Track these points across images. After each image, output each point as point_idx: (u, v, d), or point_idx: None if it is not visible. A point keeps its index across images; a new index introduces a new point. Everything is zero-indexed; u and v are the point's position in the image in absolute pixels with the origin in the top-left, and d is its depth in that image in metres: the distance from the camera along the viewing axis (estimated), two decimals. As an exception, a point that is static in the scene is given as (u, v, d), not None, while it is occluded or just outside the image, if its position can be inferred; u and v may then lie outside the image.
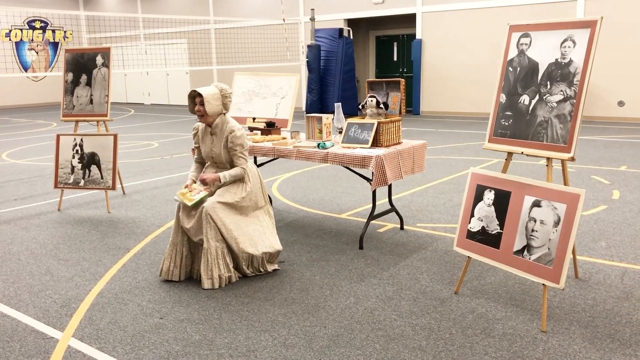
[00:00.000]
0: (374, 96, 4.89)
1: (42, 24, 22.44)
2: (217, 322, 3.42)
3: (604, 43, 12.91)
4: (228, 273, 3.97)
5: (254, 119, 5.79)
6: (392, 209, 5.17)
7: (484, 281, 3.96)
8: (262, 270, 4.14)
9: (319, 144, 4.74)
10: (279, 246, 4.18)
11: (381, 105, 4.86)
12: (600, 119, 13.28)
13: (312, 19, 15.48)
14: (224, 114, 4.11)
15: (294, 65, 17.39)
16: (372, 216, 4.81)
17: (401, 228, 5.22)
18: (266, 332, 3.29)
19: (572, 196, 3.21)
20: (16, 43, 21.85)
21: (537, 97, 3.53)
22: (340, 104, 5.26)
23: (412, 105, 15.93)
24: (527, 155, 3.56)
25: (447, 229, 5.19)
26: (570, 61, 3.38)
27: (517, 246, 3.44)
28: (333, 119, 5.15)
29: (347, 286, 3.93)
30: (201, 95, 3.97)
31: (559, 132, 3.40)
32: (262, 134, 5.44)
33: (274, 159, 5.71)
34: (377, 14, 16.09)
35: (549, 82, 3.48)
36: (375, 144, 4.68)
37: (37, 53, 22.47)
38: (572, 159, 3.33)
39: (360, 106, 4.99)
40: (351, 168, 5.07)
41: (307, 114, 5.21)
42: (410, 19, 16.08)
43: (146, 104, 22.36)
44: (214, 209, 3.89)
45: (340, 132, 5.09)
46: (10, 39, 21.66)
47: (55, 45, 22.94)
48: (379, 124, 4.65)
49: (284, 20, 16.30)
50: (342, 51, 15.41)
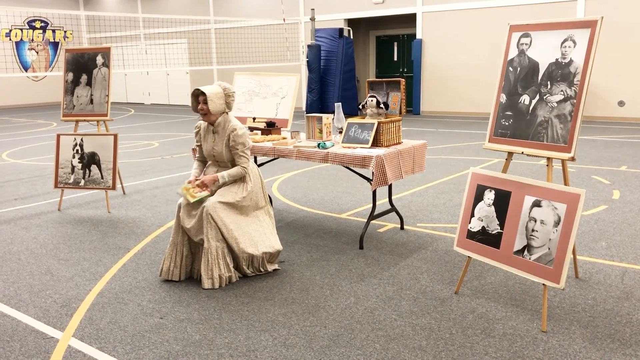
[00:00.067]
0: (374, 96, 4.89)
1: (43, 24, 22.44)
2: (217, 322, 3.42)
3: (604, 43, 12.91)
4: (228, 273, 3.97)
5: (254, 118, 5.79)
6: (393, 208, 5.17)
7: (484, 281, 3.96)
8: (262, 270, 4.14)
9: (319, 144, 4.74)
10: (279, 246, 4.18)
11: (381, 105, 4.86)
12: (601, 119, 13.28)
13: (312, 19, 15.48)
14: (227, 113, 4.11)
15: (294, 65, 17.39)
16: (372, 216, 4.81)
17: (401, 228, 5.22)
18: (266, 332, 3.29)
19: (573, 196, 3.21)
20: (16, 43, 21.86)
21: (537, 97, 3.53)
22: (340, 103, 5.26)
23: (412, 105, 15.93)
24: (528, 155, 3.56)
25: (447, 229, 5.19)
26: (571, 61, 3.38)
27: (518, 246, 3.44)
28: (333, 119, 5.15)
29: (348, 286, 3.93)
30: (205, 94, 3.98)
31: (559, 132, 3.40)
32: (262, 134, 5.44)
33: (274, 159, 5.71)
34: (377, 14, 16.09)
35: (549, 82, 3.48)
36: (376, 143, 4.68)
37: (37, 53, 22.47)
38: (573, 158, 3.33)
39: (360, 106, 4.99)
40: (351, 168, 5.07)
41: (307, 113, 5.21)
42: (410, 18, 16.07)
43: (146, 104, 22.36)
44: (214, 208, 3.89)
45: (341, 132, 5.09)
46: (10, 39, 21.67)
47: (55, 45, 22.94)
48: (379, 123, 4.65)
49: (284, 20, 16.30)
50: (342, 51, 15.41)
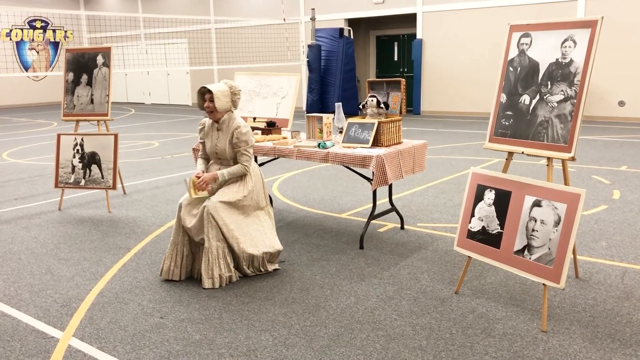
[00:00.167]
0: (374, 96, 4.89)
1: (43, 24, 22.45)
2: (217, 322, 3.42)
3: (605, 43, 12.90)
4: (228, 273, 3.98)
5: (254, 118, 5.79)
6: (393, 208, 5.18)
7: (484, 281, 3.96)
8: (262, 270, 4.14)
9: (319, 144, 4.75)
10: (279, 246, 4.18)
11: (382, 105, 4.86)
12: (601, 119, 13.28)
13: (313, 19, 15.48)
14: (232, 111, 4.13)
15: (295, 65, 17.39)
16: (372, 216, 4.81)
17: (401, 228, 5.22)
18: (267, 331, 3.29)
19: (573, 196, 3.21)
20: (17, 43, 21.86)
21: (537, 97, 3.53)
22: (340, 103, 5.26)
23: (412, 105, 15.93)
24: (528, 155, 3.56)
25: (447, 229, 5.19)
26: (571, 61, 3.38)
27: (518, 246, 3.44)
28: (333, 119, 5.15)
29: (348, 286, 3.93)
30: (211, 92, 3.99)
31: (559, 132, 3.40)
32: (262, 134, 5.44)
33: (275, 159, 5.71)
34: (377, 14, 16.09)
35: (549, 82, 3.48)
36: (376, 143, 4.68)
37: (37, 53, 22.48)
38: (573, 158, 3.33)
39: (360, 106, 4.99)
40: (352, 168, 5.07)
41: (307, 113, 5.21)
42: (410, 18, 16.07)
43: (147, 104, 22.37)
44: (215, 208, 3.89)
45: (341, 132, 5.09)
46: (10, 39, 21.67)
47: (55, 45, 22.95)
48: (379, 123, 4.65)
49: (284, 20, 16.30)
50: (342, 51, 15.41)
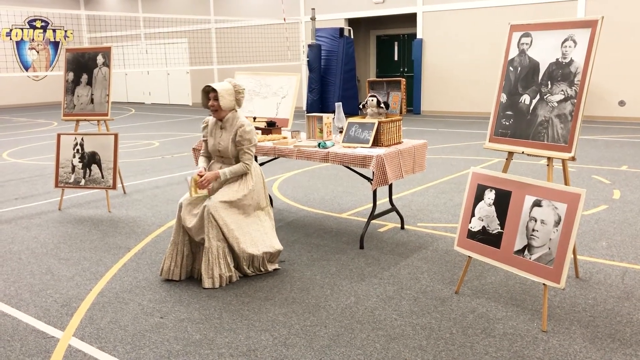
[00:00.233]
0: (374, 96, 4.89)
1: (43, 24, 22.45)
2: (217, 322, 3.42)
3: (605, 43, 12.90)
4: (229, 272, 3.98)
5: (254, 118, 5.79)
6: (393, 208, 5.17)
7: (484, 281, 3.96)
8: (262, 269, 4.14)
9: (319, 144, 4.74)
10: (279, 246, 4.18)
11: (382, 105, 4.86)
12: (601, 119, 13.28)
13: (313, 19, 15.48)
14: (236, 110, 4.13)
15: (295, 65, 17.39)
16: (372, 216, 4.81)
17: (402, 228, 5.22)
18: (267, 331, 3.29)
19: (573, 196, 3.21)
20: (17, 42, 21.86)
21: (537, 96, 3.53)
22: (340, 103, 5.26)
23: (412, 105, 15.93)
24: (528, 155, 3.56)
25: (447, 229, 5.19)
26: (571, 61, 3.38)
27: (518, 246, 3.44)
28: (334, 119, 5.15)
29: (348, 286, 3.93)
30: (215, 91, 4.00)
31: (559, 132, 3.40)
32: (262, 134, 5.44)
33: (275, 159, 5.71)
34: (377, 14, 16.09)
35: (549, 82, 3.47)
36: (376, 143, 4.68)
37: (37, 52, 22.48)
38: (573, 158, 3.33)
39: (360, 106, 4.99)
40: (352, 168, 5.06)
41: (307, 113, 5.21)
42: (411, 18, 16.07)
43: (147, 104, 22.36)
44: (216, 208, 3.89)
45: (341, 132, 5.09)
46: (11, 39, 21.67)
47: (56, 45, 22.95)
48: (379, 123, 4.65)
49: (284, 20, 16.30)
50: (342, 51, 15.40)
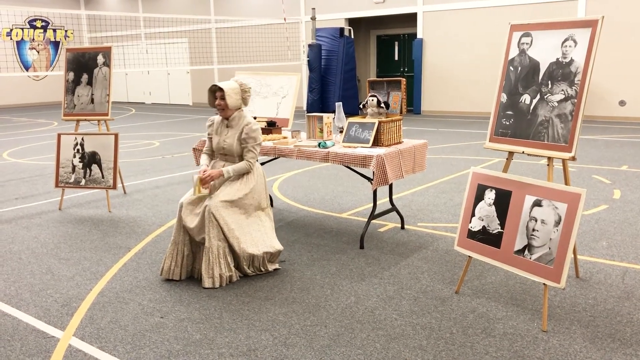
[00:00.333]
0: (374, 95, 4.88)
1: (43, 23, 22.45)
2: (217, 321, 3.42)
3: (605, 42, 12.90)
4: (229, 272, 3.98)
5: (254, 118, 5.79)
6: (393, 208, 5.17)
7: (484, 281, 3.96)
8: (262, 269, 4.14)
9: (319, 144, 4.74)
10: (279, 246, 4.18)
11: (382, 105, 4.86)
12: (602, 119, 13.27)
13: (313, 19, 15.48)
14: (242, 109, 4.14)
15: (295, 65, 17.39)
16: (372, 215, 4.81)
17: (402, 227, 5.22)
18: (267, 331, 3.29)
19: (573, 196, 3.21)
20: (17, 42, 21.86)
21: (538, 96, 3.53)
22: (341, 103, 5.26)
23: (413, 105, 15.93)
24: (528, 155, 3.56)
25: (447, 229, 5.19)
26: (572, 61, 3.38)
27: (518, 246, 3.43)
28: (334, 119, 5.15)
29: (348, 285, 3.93)
30: (222, 90, 4.01)
31: (560, 132, 3.40)
32: (263, 134, 5.44)
33: (275, 159, 5.71)
34: (378, 14, 16.09)
35: (550, 82, 3.47)
36: (376, 143, 4.68)
37: (38, 52, 22.48)
38: (573, 158, 3.33)
39: (361, 105, 4.99)
40: (352, 167, 5.06)
41: (308, 113, 5.21)
42: (411, 18, 16.07)
43: (147, 103, 22.37)
44: (217, 207, 3.89)
45: (341, 132, 5.09)
46: (11, 38, 21.68)
47: (56, 45, 22.95)
48: (380, 123, 4.64)
49: (285, 20, 16.30)
50: (343, 50, 15.40)
